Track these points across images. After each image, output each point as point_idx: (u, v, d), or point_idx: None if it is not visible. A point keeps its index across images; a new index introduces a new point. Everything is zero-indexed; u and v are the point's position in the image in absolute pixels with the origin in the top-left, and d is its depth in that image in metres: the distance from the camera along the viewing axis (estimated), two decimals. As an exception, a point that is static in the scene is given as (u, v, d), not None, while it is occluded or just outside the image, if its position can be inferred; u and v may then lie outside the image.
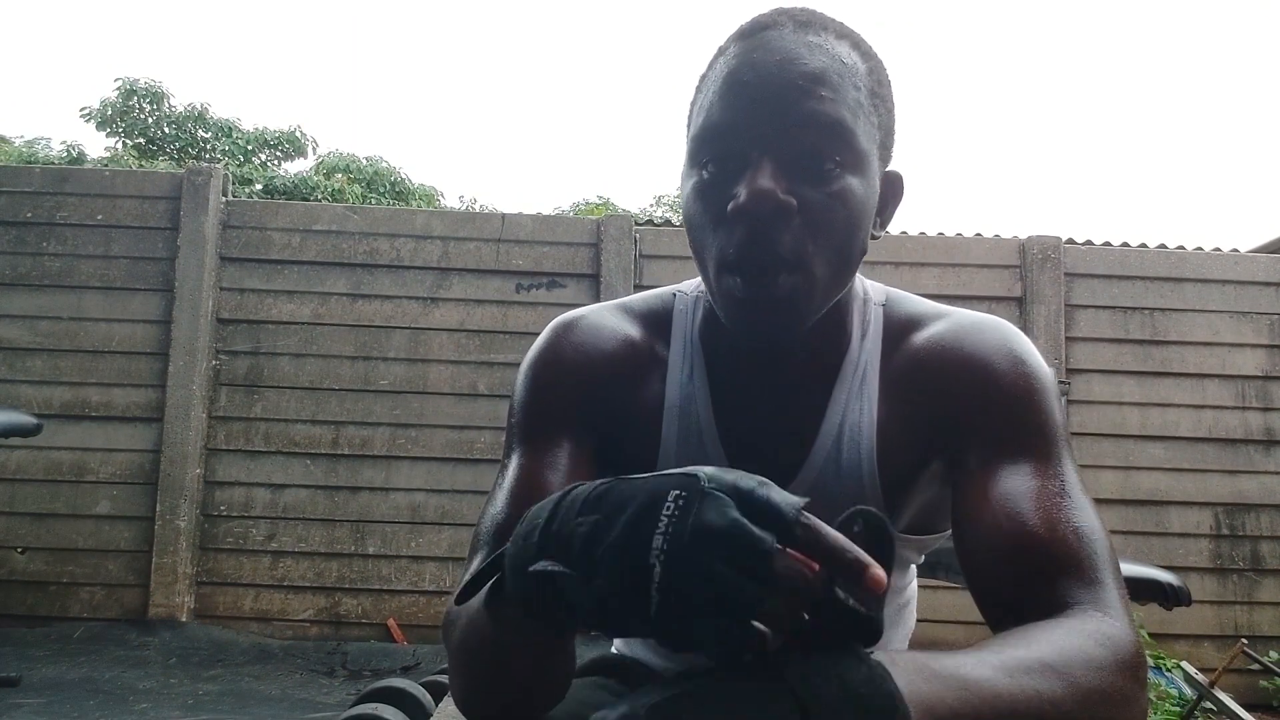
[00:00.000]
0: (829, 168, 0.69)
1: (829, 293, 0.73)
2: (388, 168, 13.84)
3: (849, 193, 0.70)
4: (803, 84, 0.69)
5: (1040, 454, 0.71)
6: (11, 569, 3.86)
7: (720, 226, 0.71)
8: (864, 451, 0.79)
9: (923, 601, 1.02)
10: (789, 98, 0.69)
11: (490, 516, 0.77)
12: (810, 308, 0.72)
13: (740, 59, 0.72)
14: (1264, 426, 4.06)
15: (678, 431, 0.82)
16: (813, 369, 0.81)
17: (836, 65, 0.71)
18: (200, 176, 4.08)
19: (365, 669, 3.62)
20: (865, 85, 0.72)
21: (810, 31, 0.72)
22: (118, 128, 13.39)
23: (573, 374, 0.82)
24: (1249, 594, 3.99)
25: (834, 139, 0.69)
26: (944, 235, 4.32)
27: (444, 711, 1.16)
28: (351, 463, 4.00)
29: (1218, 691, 3.06)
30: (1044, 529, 0.66)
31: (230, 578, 3.94)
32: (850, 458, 0.79)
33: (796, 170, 0.69)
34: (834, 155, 0.69)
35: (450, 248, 4.12)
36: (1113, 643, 0.58)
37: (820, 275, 0.71)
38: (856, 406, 0.80)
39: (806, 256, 0.69)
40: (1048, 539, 0.65)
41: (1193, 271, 4.15)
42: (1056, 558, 0.65)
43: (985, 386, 0.74)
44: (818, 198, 0.69)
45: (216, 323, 4.04)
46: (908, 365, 0.80)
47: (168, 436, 3.92)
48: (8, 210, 4.02)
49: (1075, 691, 0.54)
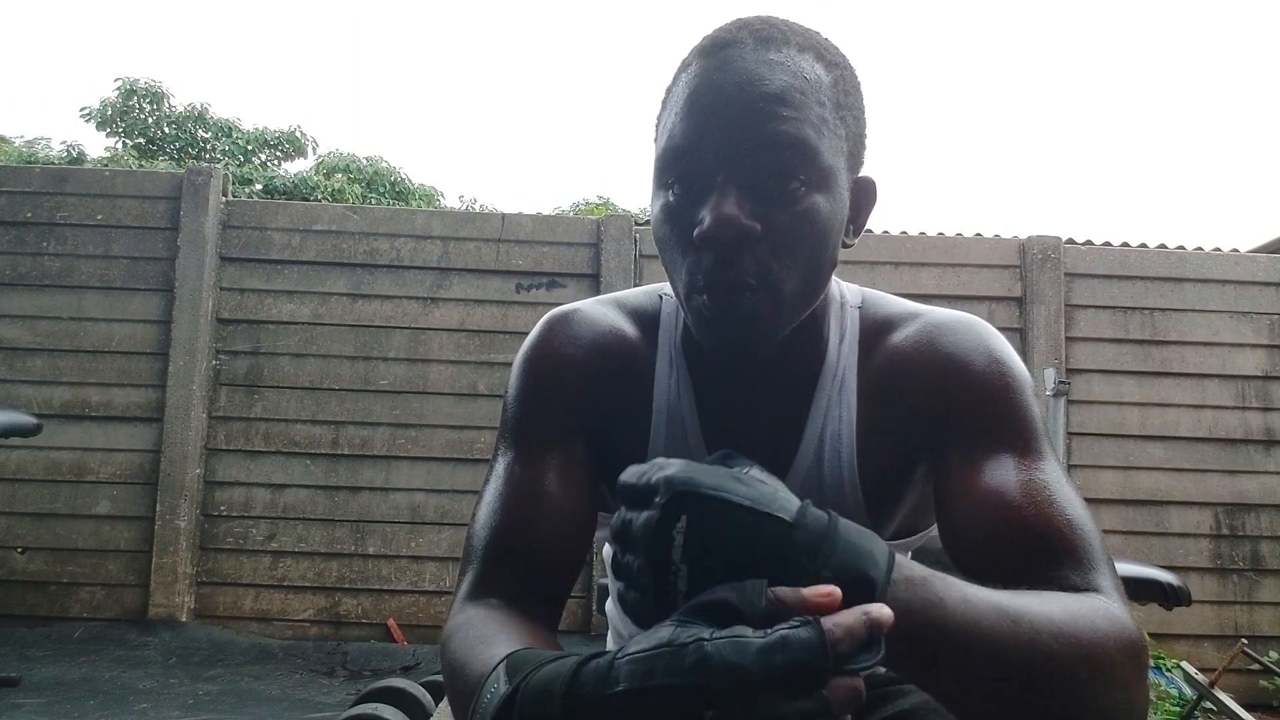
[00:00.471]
0: (794, 188, 0.70)
1: (799, 307, 0.74)
2: (388, 168, 13.83)
3: (814, 211, 0.71)
4: (764, 106, 0.69)
5: (1023, 448, 0.71)
6: (11, 569, 3.86)
7: (689, 250, 0.72)
8: (844, 459, 0.80)
9: (922, 601, 1.01)
10: (751, 120, 0.69)
11: (484, 524, 0.78)
12: (779, 323, 0.73)
13: (701, 79, 0.72)
14: (1264, 426, 4.06)
15: (665, 435, 0.83)
16: (793, 376, 0.82)
17: (798, 82, 0.71)
18: (200, 176, 4.08)
19: (365, 669, 3.62)
20: (830, 98, 0.72)
21: (771, 48, 0.72)
22: (118, 128, 13.38)
23: (568, 370, 0.83)
24: (1249, 594, 3.99)
25: (797, 159, 0.70)
26: (944, 235, 4.32)
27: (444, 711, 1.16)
28: (351, 463, 4.00)
29: (1218, 691, 3.06)
30: (1038, 520, 0.66)
31: (230, 578, 3.94)
32: (832, 466, 0.81)
33: (761, 192, 0.70)
34: (798, 175, 0.70)
35: (450, 248, 4.12)
36: (1118, 623, 0.59)
37: (788, 292, 0.72)
38: (836, 414, 0.81)
39: (773, 277, 0.70)
40: (1043, 530, 0.66)
41: (1193, 271, 4.15)
42: (1053, 547, 0.65)
43: (963, 384, 0.75)
44: (783, 219, 0.70)
45: (216, 323, 4.04)
46: (885, 368, 0.81)
47: (168, 436, 3.92)
48: (8, 210, 4.02)
49: (1075, 651, 0.56)
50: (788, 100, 0.70)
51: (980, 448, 0.72)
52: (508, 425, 0.83)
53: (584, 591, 3.91)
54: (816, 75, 0.72)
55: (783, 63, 0.71)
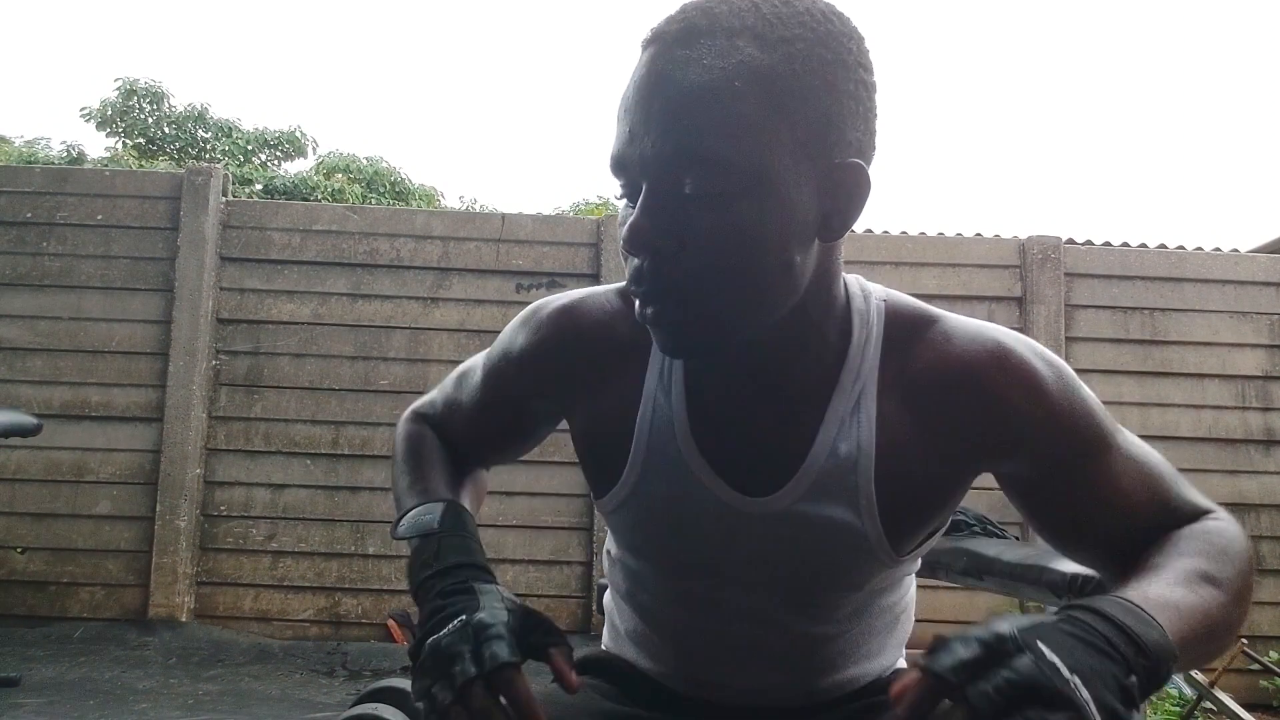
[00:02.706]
0: (710, 196, 0.66)
1: (740, 318, 0.70)
2: (388, 168, 13.83)
3: (738, 220, 0.66)
4: (674, 116, 0.65)
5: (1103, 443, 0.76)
6: (11, 569, 3.86)
7: (628, 257, 0.72)
8: (861, 469, 0.77)
9: (923, 601, 1.01)
10: (663, 132, 0.66)
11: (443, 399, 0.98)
12: (715, 334, 0.71)
13: (630, 82, 0.69)
14: (1264, 426, 4.06)
15: (650, 432, 0.81)
16: (799, 380, 0.77)
17: (715, 80, 0.65)
18: (200, 176, 4.08)
19: (365, 669, 3.62)
20: (767, 89, 0.65)
21: (692, 42, 0.66)
22: (118, 128, 13.39)
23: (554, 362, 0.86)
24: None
25: (710, 171, 0.66)
26: (944, 235, 4.32)
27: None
28: (351, 463, 4.00)
29: (1218, 691, 3.06)
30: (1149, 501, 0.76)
31: (230, 578, 3.94)
32: (845, 473, 0.77)
33: (679, 202, 0.67)
34: (714, 187, 0.66)
35: (450, 248, 4.12)
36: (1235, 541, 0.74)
37: (717, 306, 0.69)
38: (855, 418, 0.77)
39: (692, 289, 0.68)
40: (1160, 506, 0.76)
41: (1193, 272, 4.15)
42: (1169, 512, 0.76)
43: (1034, 401, 0.74)
44: (699, 233, 0.67)
45: (216, 323, 4.04)
46: (927, 378, 0.76)
47: (168, 436, 3.92)
48: (8, 210, 4.02)
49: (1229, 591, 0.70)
50: (700, 105, 0.65)
51: (1069, 457, 0.75)
52: (494, 365, 0.92)
53: (584, 592, 3.91)
54: (747, 64, 0.65)
55: (700, 59, 0.66)
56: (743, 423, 0.79)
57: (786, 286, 0.70)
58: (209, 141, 13.49)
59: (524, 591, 3.84)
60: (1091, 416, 0.76)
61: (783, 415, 0.78)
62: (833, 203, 0.70)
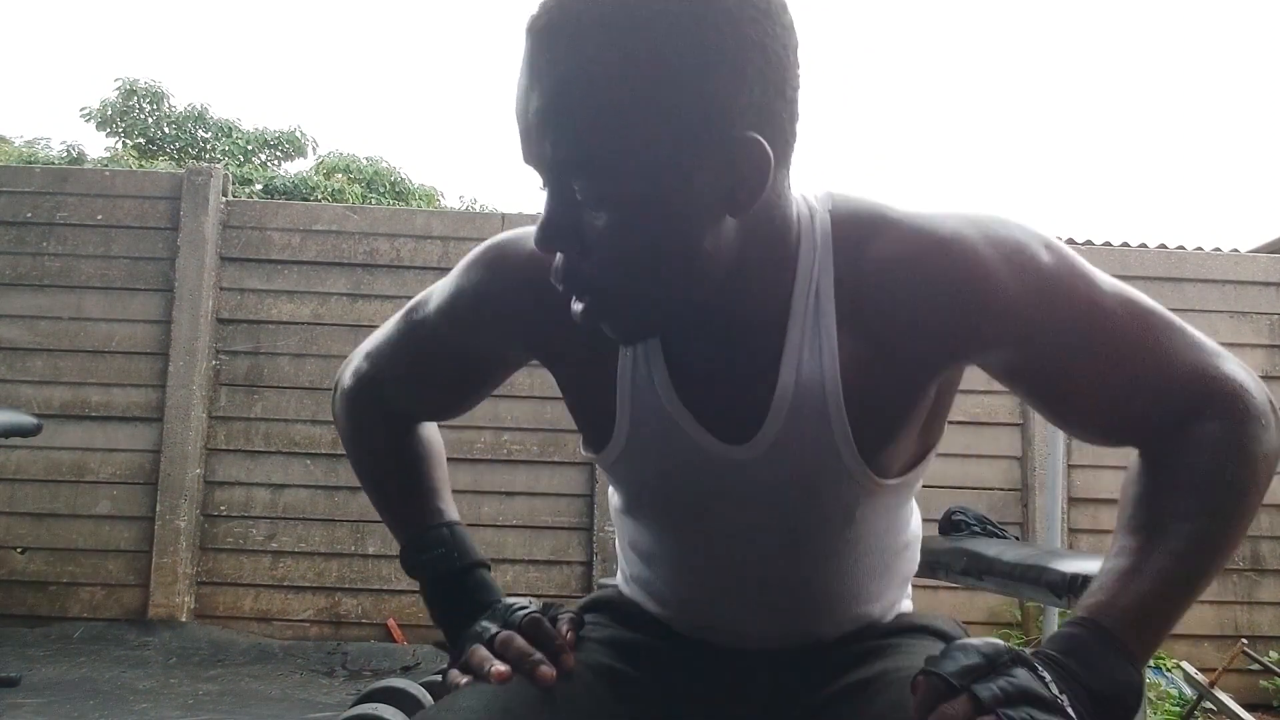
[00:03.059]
0: (599, 200, 0.66)
1: (666, 299, 0.70)
2: (388, 168, 13.83)
3: (629, 218, 0.66)
4: (550, 120, 0.65)
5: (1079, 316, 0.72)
6: (11, 569, 3.86)
7: None
8: (828, 393, 0.74)
9: (923, 601, 1.01)
10: (540, 136, 0.66)
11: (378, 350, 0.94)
12: (644, 320, 0.71)
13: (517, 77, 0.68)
14: (1264, 426, 4.05)
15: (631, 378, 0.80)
16: (755, 314, 0.75)
17: (584, 80, 0.63)
18: (200, 176, 4.08)
19: (365, 669, 3.62)
20: (634, 81, 0.62)
21: (549, 40, 0.64)
22: (118, 128, 13.40)
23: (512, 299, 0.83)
24: (1249, 594, 3.99)
25: (594, 174, 0.65)
26: (944, 235, 4.31)
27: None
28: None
29: (1218, 691, 3.06)
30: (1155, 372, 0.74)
31: (230, 578, 3.94)
32: (814, 402, 0.75)
33: (575, 206, 0.67)
34: (600, 189, 0.65)
35: (450, 248, 4.11)
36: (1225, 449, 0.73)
37: (634, 296, 0.69)
38: (814, 345, 0.74)
39: (608, 285, 0.69)
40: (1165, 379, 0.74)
41: (1193, 271, 4.15)
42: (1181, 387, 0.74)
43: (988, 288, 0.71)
44: (597, 233, 0.67)
45: (216, 323, 4.04)
46: (875, 281, 0.73)
47: (168, 436, 3.92)
48: (8, 210, 4.02)
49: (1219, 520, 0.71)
50: (570, 111, 0.64)
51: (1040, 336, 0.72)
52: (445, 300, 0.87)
53: (584, 592, 3.91)
54: (610, 58, 0.62)
55: (565, 59, 0.63)
56: (715, 370, 0.78)
57: (703, 266, 0.68)
58: (209, 141, 13.50)
59: (524, 591, 3.84)
60: (1058, 288, 0.72)
61: (750, 355, 0.76)
62: (735, 176, 0.66)
